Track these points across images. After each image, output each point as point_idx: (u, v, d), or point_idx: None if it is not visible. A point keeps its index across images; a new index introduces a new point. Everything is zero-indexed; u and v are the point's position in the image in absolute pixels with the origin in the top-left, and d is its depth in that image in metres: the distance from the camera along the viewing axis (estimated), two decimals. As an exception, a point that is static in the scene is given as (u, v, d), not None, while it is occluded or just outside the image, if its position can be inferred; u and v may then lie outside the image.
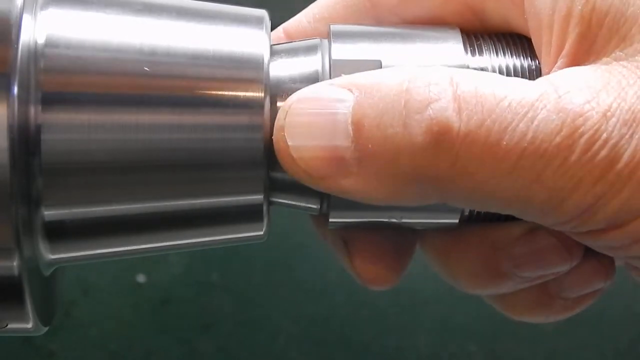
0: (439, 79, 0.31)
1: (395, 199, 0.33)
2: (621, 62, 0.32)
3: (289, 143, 0.32)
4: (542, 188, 0.31)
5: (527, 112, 0.30)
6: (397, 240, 0.38)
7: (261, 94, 0.34)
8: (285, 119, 0.33)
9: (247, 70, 0.34)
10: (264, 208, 0.35)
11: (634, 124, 0.30)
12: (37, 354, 0.96)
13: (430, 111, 0.31)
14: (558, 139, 0.30)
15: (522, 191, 0.31)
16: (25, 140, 0.32)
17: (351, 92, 0.32)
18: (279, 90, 0.35)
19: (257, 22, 0.36)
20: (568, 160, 0.30)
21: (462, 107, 0.31)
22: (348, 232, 0.38)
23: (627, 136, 0.30)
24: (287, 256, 0.99)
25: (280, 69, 0.35)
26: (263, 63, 0.34)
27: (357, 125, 0.32)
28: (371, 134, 0.31)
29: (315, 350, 0.98)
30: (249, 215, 0.35)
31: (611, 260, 0.37)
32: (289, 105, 0.33)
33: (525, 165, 0.30)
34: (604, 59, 0.32)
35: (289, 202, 0.37)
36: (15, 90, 0.31)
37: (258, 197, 0.35)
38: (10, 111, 0.31)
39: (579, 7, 0.32)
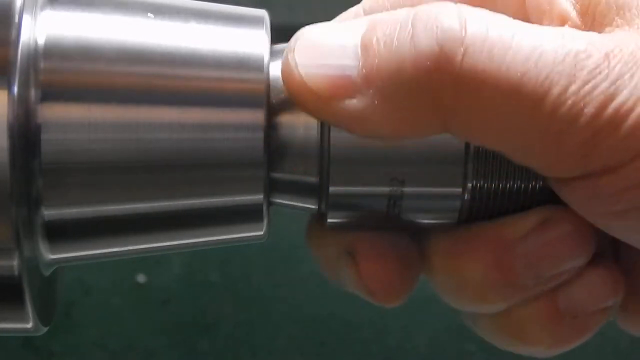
0: (447, 4, 0.32)
1: (397, 124, 0.33)
2: (622, 28, 0.33)
3: (298, 61, 0.33)
4: (542, 115, 0.31)
5: (531, 41, 0.31)
6: (403, 252, 0.37)
7: (261, 94, 0.34)
8: (297, 41, 0.33)
9: (248, 70, 0.34)
10: (264, 208, 0.35)
11: (635, 67, 0.31)
12: (37, 355, 0.97)
13: (436, 22, 0.32)
14: (560, 67, 0.31)
15: (522, 117, 0.31)
16: (25, 140, 0.32)
17: (363, 25, 0.33)
18: (279, 91, 0.35)
19: (257, 22, 0.36)
20: (569, 89, 0.31)
21: (468, 24, 0.31)
22: (353, 242, 0.37)
23: (627, 75, 0.31)
24: (287, 256, 0.99)
25: (280, 68, 0.35)
26: (263, 63, 0.34)
27: (365, 46, 0.32)
28: (378, 50, 0.32)
29: (315, 350, 0.98)
30: (249, 215, 0.35)
31: (619, 272, 0.36)
32: (302, 31, 0.34)
33: (527, 89, 0.31)
34: (606, 29, 0.33)
35: (288, 202, 0.37)
36: (15, 90, 0.31)
37: (258, 197, 0.35)
38: (10, 111, 0.31)
39: None
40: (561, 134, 0.31)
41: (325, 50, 0.33)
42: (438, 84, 0.31)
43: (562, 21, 0.34)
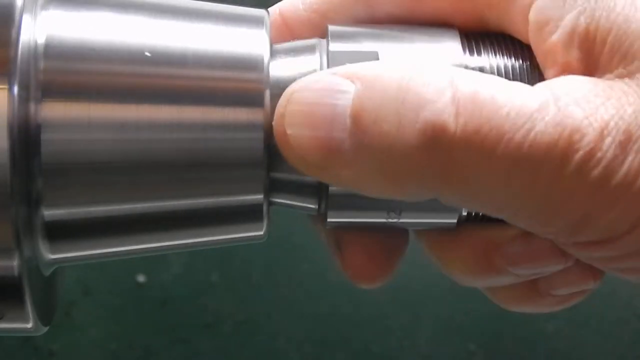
0: (439, 79, 0.31)
1: (389, 194, 0.33)
2: (624, 80, 0.32)
3: (288, 131, 0.32)
4: (534, 198, 0.31)
5: (524, 123, 0.30)
6: (389, 239, 0.39)
7: (261, 94, 0.34)
8: (286, 106, 0.33)
9: (248, 70, 0.34)
10: (264, 208, 0.35)
11: (628, 146, 0.30)
12: (37, 354, 0.97)
13: (426, 112, 0.31)
14: (554, 151, 0.30)
15: (514, 199, 0.31)
16: (26, 140, 0.32)
17: (353, 82, 0.32)
18: (279, 90, 0.35)
19: (257, 22, 0.36)
20: (561, 174, 0.30)
21: (460, 112, 0.31)
22: (341, 231, 0.38)
23: (620, 157, 0.30)
24: (287, 256, 1.00)
25: (280, 69, 0.35)
26: (263, 63, 0.34)
27: (355, 119, 0.32)
28: (367, 128, 0.32)
29: (315, 350, 0.99)
30: (249, 215, 0.35)
31: None
32: (290, 93, 0.33)
33: (519, 175, 0.31)
34: (607, 76, 0.32)
35: (288, 202, 0.37)
36: (16, 90, 0.31)
37: (258, 197, 0.35)
38: (10, 111, 0.31)
39: (583, 26, 0.33)
40: (554, 213, 0.31)
41: (314, 119, 0.32)
42: (427, 171, 0.31)
43: (566, 66, 0.33)
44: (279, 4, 0.39)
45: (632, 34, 0.32)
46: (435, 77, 0.31)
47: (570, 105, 0.31)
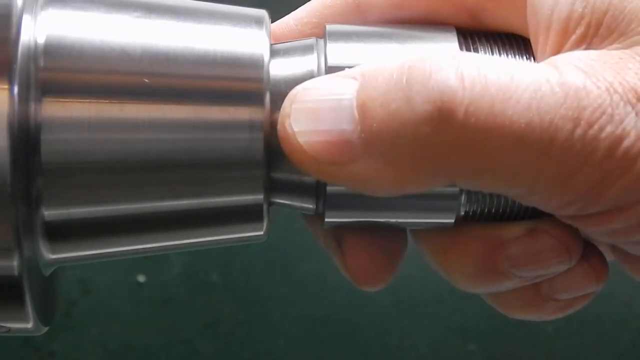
0: (441, 56, 0.31)
1: (401, 183, 0.33)
2: (619, 50, 0.32)
3: (295, 129, 0.32)
4: (550, 162, 0.30)
5: (529, 84, 0.30)
6: (390, 240, 0.38)
7: (261, 94, 0.34)
8: (291, 106, 0.33)
9: (248, 70, 0.34)
10: (264, 208, 0.35)
11: (638, 105, 0.30)
12: (37, 354, 0.97)
13: (432, 82, 0.31)
14: (563, 110, 0.30)
15: (530, 165, 0.31)
16: (26, 139, 0.32)
17: (355, 79, 0.32)
18: (279, 90, 0.35)
19: (257, 22, 0.36)
20: (574, 134, 0.30)
21: (465, 77, 0.30)
22: (341, 232, 0.38)
23: (632, 114, 0.30)
24: (287, 256, 1.00)
25: (279, 68, 0.35)
26: (263, 63, 0.34)
27: (362, 108, 0.32)
28: (375, 114, 0.31)
29: (315, 350, 0.99)
30: (249, 215, 0.35)
31: (603, 265, 0.37)
32: (294, 94, 0.33)
33: (532, 137, 0.30)
34: (603, 50, 0.32)
35: (286, 202, 0.37)
36: (16, 89, 0.31)
37: (258, 197, 0.35)
38: (10, 111, 0.31)
39: (579, 10, 0.32)
40: (571, 178, 0.31)
41: (321, 114, 0.32)
42: (441, 144, 0.31)
43: (559, 43, 0.33)
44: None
45: (628, 14, 0.32)
46: (437, 57, 0.31)
47: (572, 70, 0.31)
